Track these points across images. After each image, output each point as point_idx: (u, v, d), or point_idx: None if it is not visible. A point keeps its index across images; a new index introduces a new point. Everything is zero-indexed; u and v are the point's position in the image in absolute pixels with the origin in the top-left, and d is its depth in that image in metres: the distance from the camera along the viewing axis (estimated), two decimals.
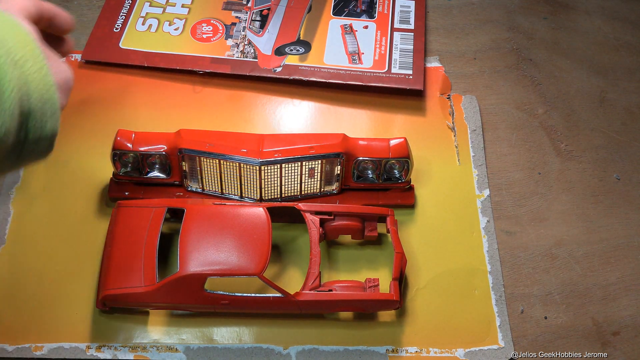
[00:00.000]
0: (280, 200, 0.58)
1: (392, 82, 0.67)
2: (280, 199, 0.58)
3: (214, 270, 0.49)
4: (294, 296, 0.50)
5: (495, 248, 0.59)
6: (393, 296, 0.51)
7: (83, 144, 0.63)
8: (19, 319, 0.53)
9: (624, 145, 0.68)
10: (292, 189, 0.58)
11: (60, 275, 0.55)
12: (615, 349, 0.56)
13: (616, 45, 0.75)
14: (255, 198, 0.58)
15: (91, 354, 0.52)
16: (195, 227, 0.52)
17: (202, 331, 0.53)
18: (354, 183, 0.59)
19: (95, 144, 0.62)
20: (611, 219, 0.63)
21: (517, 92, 0.70)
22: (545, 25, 0.77)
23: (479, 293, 0.57)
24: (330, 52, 0.69)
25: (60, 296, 0.54)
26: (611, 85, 0.72)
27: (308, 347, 0.53)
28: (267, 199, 0.58)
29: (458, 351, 0.54)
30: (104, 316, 0.53)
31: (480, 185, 0.63)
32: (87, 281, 0.55)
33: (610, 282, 0.59)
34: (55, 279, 0.55)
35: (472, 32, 0.75)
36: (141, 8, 0.73)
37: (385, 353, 0.53)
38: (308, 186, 0.58)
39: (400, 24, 0.73)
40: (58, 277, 0.55)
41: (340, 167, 0.57)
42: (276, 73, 0.67)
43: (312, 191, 0.59)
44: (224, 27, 0.72)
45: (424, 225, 0.60)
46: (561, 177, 0.65)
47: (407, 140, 0.58)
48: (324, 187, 0.59)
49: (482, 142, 0.65)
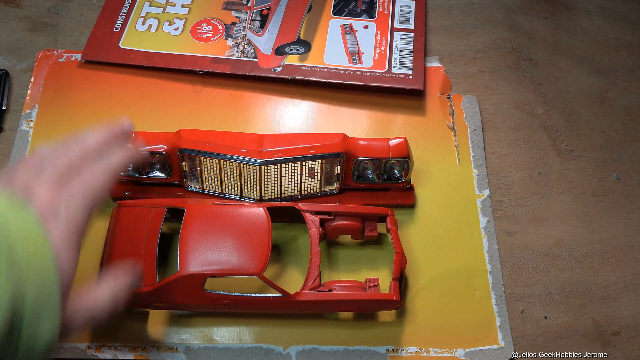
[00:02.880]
0: (281, 200, 0.58)
1: (392, 82, 0.67)
2: (281, 199, 0.58)
3: (214, 270, 0.49)
4: (294, 296, 0.50)
5: (496, 248, 0.59)
6: (393, 296, 0.51)
7: None
8: None
9: (624, 145, 0.68)
10: (292, 188, 0.58)
11: None
12: (615, 349, 0.56)
13: (616, 45, 0.75)
14: (255, 198, 0.58)
15: (91, 354, 0.52)
16: (195, 227, 0.52)
17: (202, 331, 0.53)
18: (354, 183, 0.59)
19: None
20: (611, 219, 0.63)
21: (517, 92, 0.70)
22: (545, 25, 0.77)
23: (479, 293, 0.57)
24: (330, 52, 0.69)
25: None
26: (611, 85, 0.72)
27: (308, 347, 0.53)
28: (267, 198, 0.58)
29: (458, 351, 0.54)
30: None
31: (480, 185, 0.63)
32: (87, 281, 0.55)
33: (610, 282, 0.59)
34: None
35: (472, 32, 0.75)
36: (141, 8, 0.73)
37: (385, 353, 0.53)
38: (308, 186, 0.58)
39: (400, 23, 0.73)
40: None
41: (340, 167, 0.57)
42: (276, 73, 0.67)
43: (312, 191, 0.59)
44: (224, 27, 0.72)
45: (424, 225, 0.60)
46: (561, 177, 0.65)
47: (407, 140, 0.58)
48: (324, 187, 0.59)
49: (482, 141, 0.65)
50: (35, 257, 0.33)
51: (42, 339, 0.33)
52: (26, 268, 0.33)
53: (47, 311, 0.33)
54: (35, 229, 0.35)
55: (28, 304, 0.32)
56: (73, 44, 0.71)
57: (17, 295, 0.32)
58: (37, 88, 0.66)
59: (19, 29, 0.72)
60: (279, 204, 0.56)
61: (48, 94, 0.66)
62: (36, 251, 0.34)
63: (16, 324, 0.32)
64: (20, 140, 0.63)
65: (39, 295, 0.33)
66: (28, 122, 0.64)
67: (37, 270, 0.33)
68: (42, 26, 0.72)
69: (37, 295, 0.33)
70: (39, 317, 0.33)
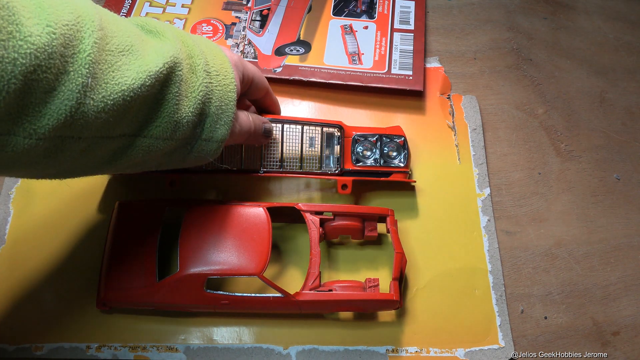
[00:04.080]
0: (281, 167, 0.57)
1: (392, 82, 0.67)
2: (281, 166, 0.57)
3: (214, 270, 0.49)
4: (294, 296, 0.50)
5: (496, 247, 0.59)
6: (393, 296, 0.51)
7: None
8: (19, 319, 0.53)
9: (624, 145, 0.68)
10: (292, 156, 0.57)
11: (60, 275, 0.55)
12: (615, 349, 0.56)
13: (616, 45, 0.75)
14: (256, 167, 0.57)
15: (91, 354, 0.52)
16: (195, 227, 0.52)
17: (202, 331, 0.53)
18: (353, 166, 0.58)
19: None
20: (611, 219, 0.63)
21: (517, 92, 0.70)
22: (545, 25, 0.77)
23: (479, 292, 0.57)
24: (330, 52, 0.69)
25: (60, 296, 0.54)
26: (611, 85, 0.72)
27: (308, 347, 0.53)
28: (268, 167, 0.57)
29: (458, 351, 0.54)
30: (104, 316, 0.53)
31: (480, 184, 0.63)
32: (87, 281, 0.55)
33: (610, 282, 0.59)
34: (55, 278, 0.55)
35: (472, 32, 0.75)
36: (141, 8, 0.73)
37: (385, 353, 0.53)
38: (308, 159, 0.58)
39: (400, 24, 0.73)
40: (58, 277, 0.55)
41: (339, 140, 0.58)
42: (276, 73, 0.67)
43: (312, 164, 0.58)
44: (224, 27, 0.72)
45: (424, 225, 0.60)
46: (561, 177, 0.65)
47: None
48: (324, 163, 0.58)
49: (482, 141, 0.65)
50: (222, 74, 0.45)
51: (217, 136, 0.45)
52: (217, 81, 0.44)
53: (224, 114, 0.45)
54: (224, 59, 0.46)
55: (214, 104, 0.44)
56: None
57: (206, 98, 0.43)
58: None
59: None
60: (279, 204, 0.56)
61: None
62: (224, 71, 0.45)
63: (203, 117, 0.44)
64: None
65: (221, 101, 0.44)
66: None
67: (224, 83, 0.45)
68: None
69: (220, 101, 0.44)
70: (218, 118, 0.44)
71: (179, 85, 0.41)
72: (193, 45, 0.44)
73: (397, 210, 0.59)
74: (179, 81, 0.41)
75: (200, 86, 0.42)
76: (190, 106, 0.42)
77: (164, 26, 0.43)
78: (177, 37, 0.43)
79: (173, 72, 0.40)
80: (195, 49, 0.44)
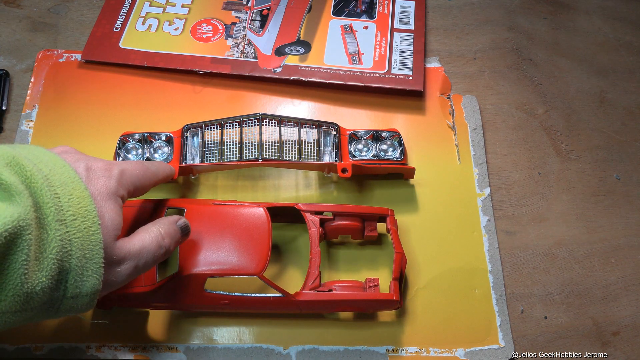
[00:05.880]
0: (280, 158, 0.57)
1: (392, 82, 0.67)
2: (280, 157, 0.57)
3: (214, 270, 0.49)
4: (294, 296, 0.50)
5: (496, 247, 0.59)
6: (393, 296, 0.51)
7: (83, 143, 0.63)
8: None
9: (624, 145, 0.68)
10: (291, 149, 0.58)
11: None
12: (615, 349, 0.56)
13: (616, 45, 0.75)
14: (255, 156, 0.57)
15: (91, 354, 0.52)
16: (195, 227, 0.52)
17: (202, 331, 0.53)
18: (351, 161, 0.58)
19: (95, 143, 0.62)
20: (611, 219, 0.63)
21: (517, 92, 0.70)
22: (545, 25, 0.77)
23: (479, 292, 0.57)
24: (330, 52, 0.69)
25: None
26: (611, 85, 0.72)
27: (308, 347, 0.53)
28: (267, 157, 0.57)
29: (458, 351, 0.54)
30: (104, 316, 0.53)
31: (480, 183, 0.63)
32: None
33: (610, 282, 0.59)
34: None
35: (472, 32, 0.75)
36: (141, 8, 0.73)
37: (385, 353, 0.53)
38: (307, 152, 0.58)
39: (400, 24, 0.73)
40: None
41: (336, 135, 0.59)
42: (276, 73, 0.67)
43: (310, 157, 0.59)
44: (224, 27, 0.72)
45: (424, 225, 0.60)
46: (561, 177, 0.65)
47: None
48: (322, 158, 0.59)
49: (482, 140, 0.65)
50: (79, 215, 0.38)
51: (87, 290, 0.38)
52: (75, 227, 0.37)
53: (90, 262, 0.38)
54: (79, 186, 0.39)
55: (75, 255, 0.37)
56: (73, 44, 0.71)
57: (63, 253, 0.36)
58: (37, 88, 0.66)
59: (19, 29, 0.72)
60: (279, 204, 0.56)
61: (48, 94, 0.66)
62: (80, 209, 0.38)
63: (63, 274, 0.37)
64: (20, 140, 0.63)
65: (84, 250, 0.37)
66: (28, 122, 0.64)
67: (84, 227, 0.38)
68: (42, 26, 0.72)
69: (83, 250, 0.37)
70: (84, 270, 0.37)
71: (27, 252, 0.34)
72: (42, 186, 0.36)
73: (397, 210, 0.59)
74: (27, 247, 0.34)
75: (54, 242, 0.36)
76: (42, 270, 0.35)
77: (8, 177, 0.35)
78: (25, 186, 0.36)
79: (18, 238, 0.33)
80: (45, 192, 0.36)
